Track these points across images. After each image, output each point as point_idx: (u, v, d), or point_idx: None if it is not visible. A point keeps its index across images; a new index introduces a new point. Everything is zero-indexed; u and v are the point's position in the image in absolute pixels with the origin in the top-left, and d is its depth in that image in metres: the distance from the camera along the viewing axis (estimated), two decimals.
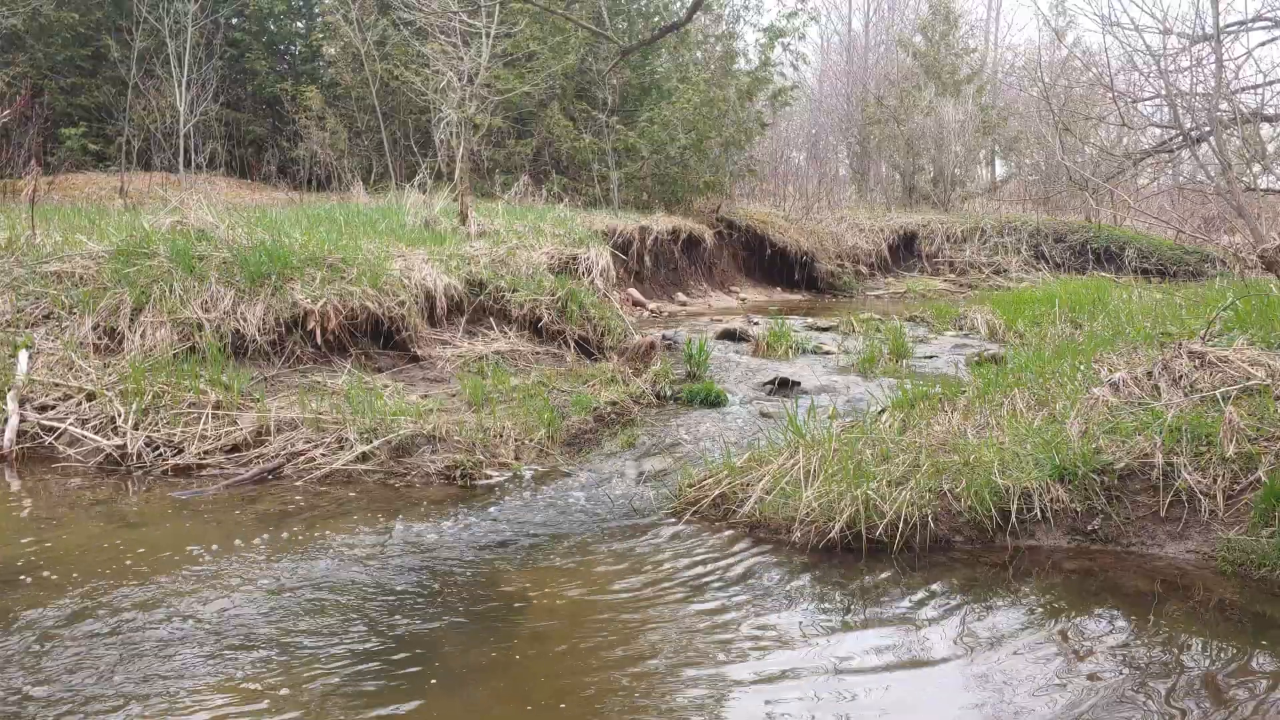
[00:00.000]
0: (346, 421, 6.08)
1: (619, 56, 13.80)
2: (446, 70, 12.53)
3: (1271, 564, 4.15)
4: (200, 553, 4.48)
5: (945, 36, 26.34)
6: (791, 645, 3.64)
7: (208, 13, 18.04)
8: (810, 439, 5.37)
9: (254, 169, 19.07)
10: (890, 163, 26.76)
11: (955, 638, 3.72)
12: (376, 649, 3.54)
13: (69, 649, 3.48)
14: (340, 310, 7.62)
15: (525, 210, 13.96)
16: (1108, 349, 6.51)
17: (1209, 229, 18.16)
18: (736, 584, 4.24)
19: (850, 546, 4.57)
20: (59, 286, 7.40)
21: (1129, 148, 15.48)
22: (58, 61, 17.97)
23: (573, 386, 7.55)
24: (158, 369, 6.59)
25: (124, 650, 3.47)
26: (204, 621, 3.73)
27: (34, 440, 6.03)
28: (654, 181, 18.10)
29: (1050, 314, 10.30)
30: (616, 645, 3.65)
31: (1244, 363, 5.21)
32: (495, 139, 17.74)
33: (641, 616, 3.90)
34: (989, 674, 3.43)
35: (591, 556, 4.57)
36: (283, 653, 3.49)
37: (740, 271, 19.08)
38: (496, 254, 9.84)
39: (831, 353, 9.79)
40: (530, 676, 3.39)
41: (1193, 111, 9.24)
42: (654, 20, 19.84)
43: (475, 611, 3.91)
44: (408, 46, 16.75)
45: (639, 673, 3.44)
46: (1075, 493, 4.68)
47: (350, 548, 4.59)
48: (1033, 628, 3.82)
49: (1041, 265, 20.88)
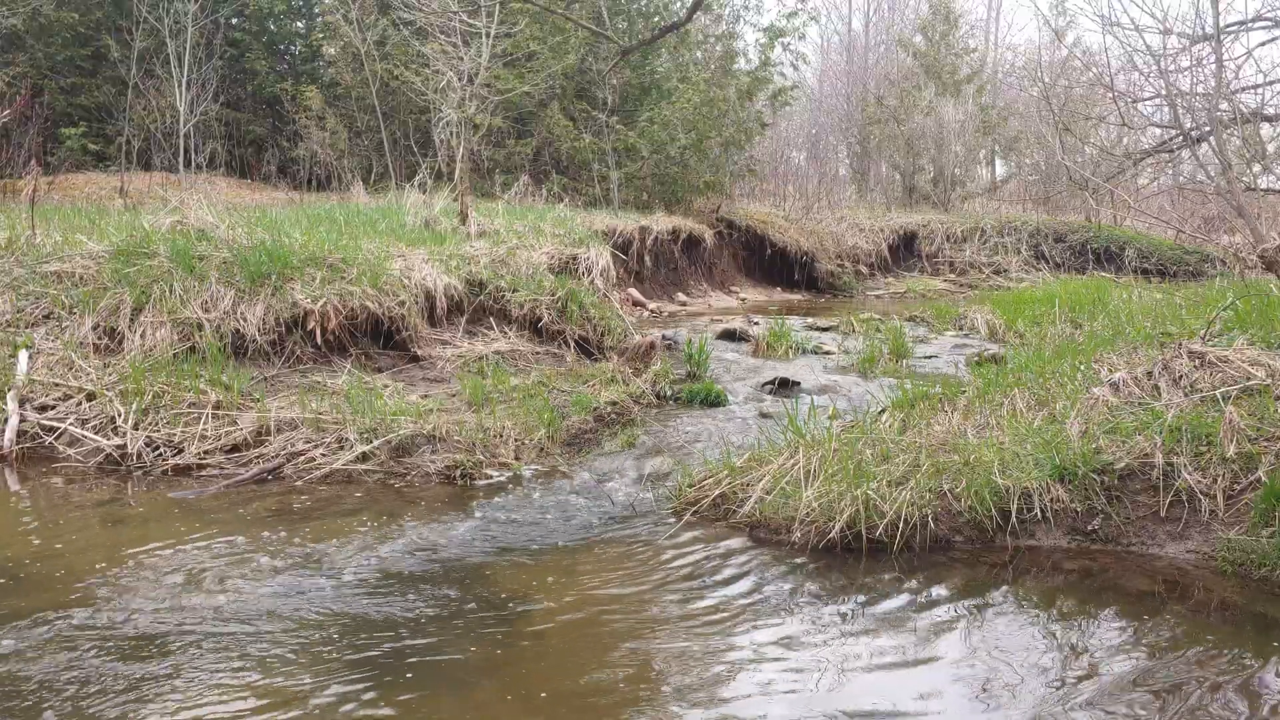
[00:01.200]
0: (346, 421, 6.08)
1: (619, 56, 13.81)
2: (446, 70, 12.53)
3: (1271, 564, 4.15)
4: (200, 553, 4.48)
5: (945, 36, 26.34)
6: (791, 645, 3.64)
7: (208, 13, 18.03)
8: (810, 439, 5.37)
9: (254, 169, 19.07)
10: (890, 163, 26.77)
11: (955, 638, 3.72)
12: (376, 648, 3.54)
13: (69, 649, 3.48)
14: (340, 310, 7.62)
15: (525, 210, 13.96)
16: (1108, 349, 6.51)
17: (1209, 229, 18.16)
18: (736, 584, 4.24)
19: (850, 546, 4.57)
20: (59, 286, 7.39)
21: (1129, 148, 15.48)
22: (58, 61, 17.96)
23: (573, 386, 7.55)
24: (158, 369, 6.59)
25: (124, 650, 3.47)
26: (203, 621, 3.73)
27: (34, 440, 6.03)
28: (654, 181, 18.10)
29: (1050, 314, 10.30)
30: (616, 645, 3.65)
31: (1244, 363, 5.21)
32: (495, 139, 17.74)
33: (641, 616, 3.90)
34: (989, 674, 3.43)
35: (591, 556, 4.57)
36: (282, 652, 3.49)
37: (740, 271, 19.08)
38: (496, 254, 9.83)
39: (831, 353, 9.80)
40: (530, 676, 3.39)
41: (1193, 111, 9.24)
42: (654, 20, 19.84)
43: (475, 611, 3.91)
44: (408, 46, 16.74)
45: (639, 672, 3.44)
46: (1075, 493, 4.67)
47: (350, 548, 4.59)
48: (1033, 628, 3.82)
49: (1041, 265, 20.89)
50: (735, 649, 3.62)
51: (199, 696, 3.17)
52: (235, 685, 3.25)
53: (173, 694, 3.18)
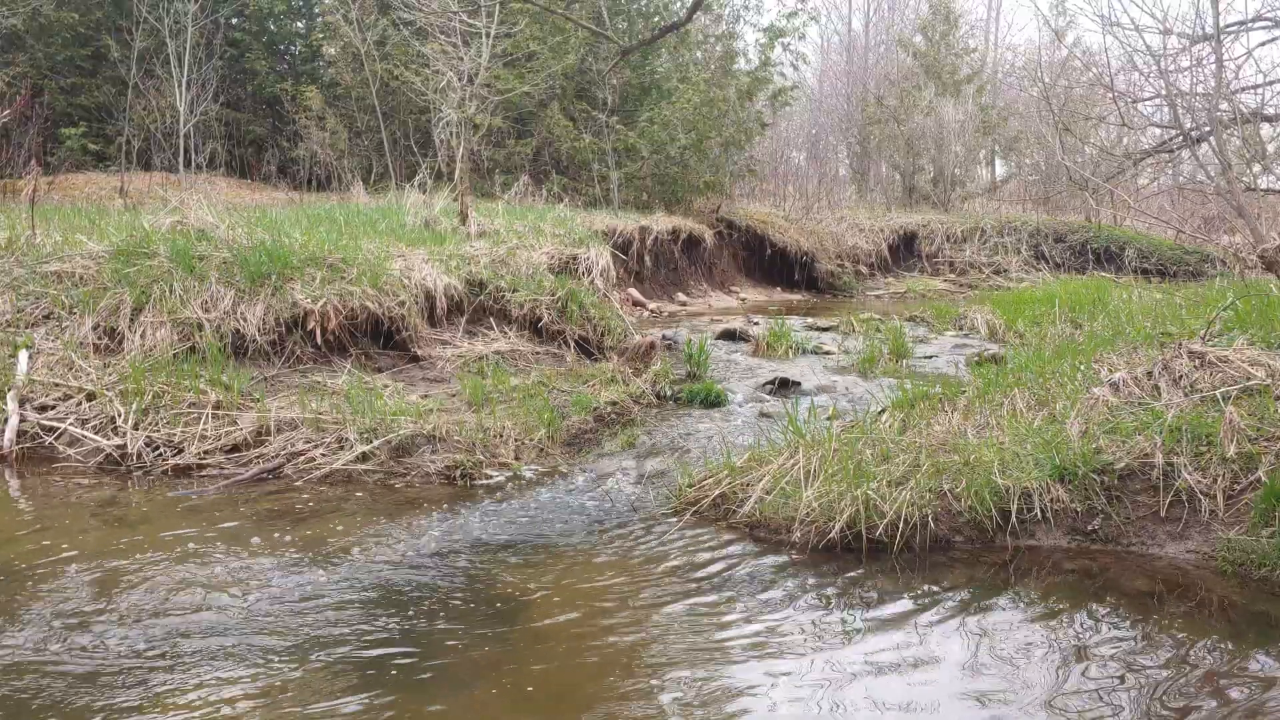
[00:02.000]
0: (346, 421, 6.08)
1: (619, 56, 13.81)
2: (446, 70, 12.53)
3: (1271, 564, 4.14)
4: (200, 553, 4.48)
5: (945, 36, 26.35)
6: (791, 645, 3.64)
7: (208, 13, 18.03)
8: (810, 439, 5.37)
9: (254, 169, 19.07)
10: (890, 163, 26.77)
11: (955, 638, 3.72)
12: (376, 648, 3.54)
13: (68, 649, 3.48)
14: (340, 310, 7.62)
15: (525, 210, 13.96)
16: (1108, 349, 6.51)
17: (1209, 229, 18.16)
18: (736, 584, 4.24)
19: (850, 547, 4.57)
20: (59, 286, 7.40)
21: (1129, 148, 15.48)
22: (58, 61, 17.96)
23: (573, 386, 7.55)
24: (158, 369, 6.59)
25: (123, 650, 3.47)
26: (203, 620, 3.73)
27: (34, 440, 6.03)
28: (654, 181, 18.10)
29: (1050, 314, 10.30)
30: (616, 645, 3.65)
31: (1244, 363, 5.21)
32: (495, 139, 17.74)
33: (641, 616, 3.90)
34: (989, 674, 3.43)
35: (591, 556, 4.57)
36: (281, 651, 3.49)
37: (740, 271, 19.08)
38: (496, 254, 9.83)
39: (831, 353, 9.80)
40: (530, 676, 3.39)
41: (1193, 111, 9.24)
42: (654, 20, 19.84)
43: (475, 611, 3.91)
44: (408, 46, 16.75)
45: (639, 672, 3.44)
46: (1075, 493, 4.67)
47: (350, 548, 4.59)
48: (1033, 628, 3.82)
49: (1041, 265, 20.89)
50: (735, 649, 3.62)
51: (198, 696, 3.17)
52: (235, 685, 3.25)
53: (172, 694, 3.19)
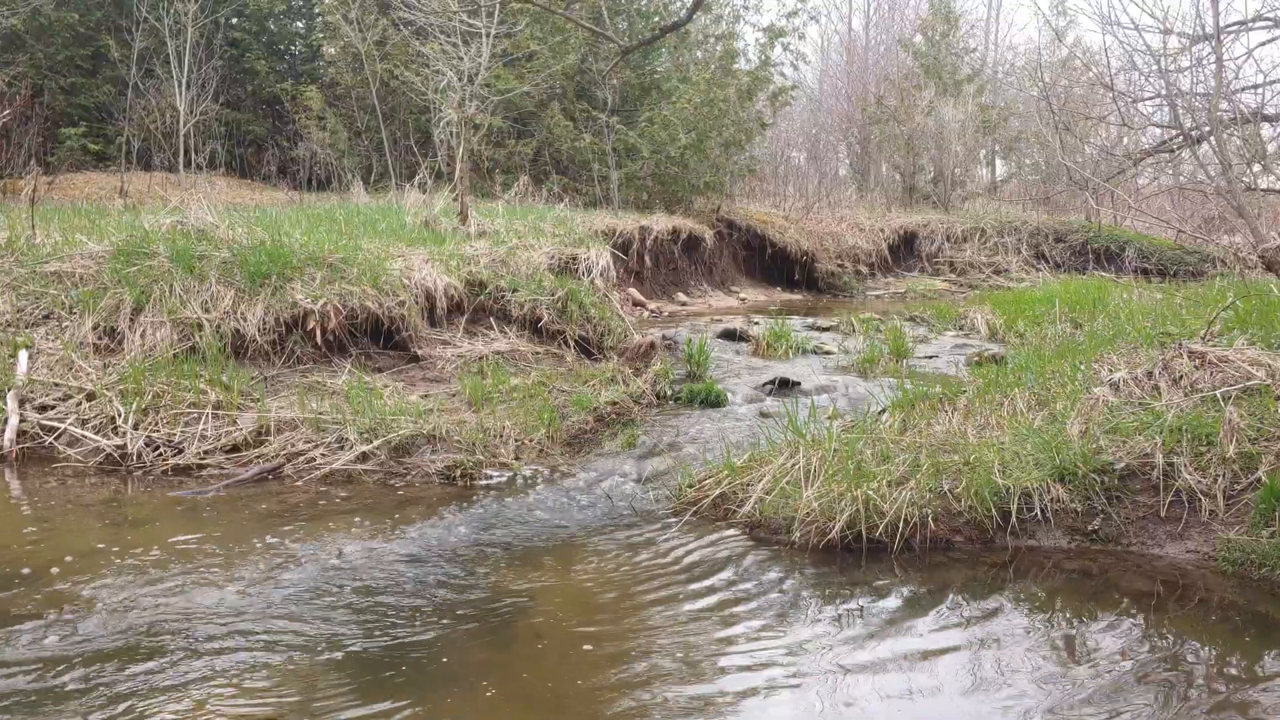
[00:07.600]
0: (346, 421, 6.08)
1: (619, 56, 13.81)
2: (446, 70, 12.52)
3: (1272, 564, 4.15)
4: (200, 553, 4.48)
5: (945, 36, 26.32)
6: (791, 645, 3.64)
7: (208, 13, 18.02)
8: (810, 439, 5.37)
9: (254, 169, 19.05)
10: (890, 163, 26.75)
11: (955, 638, 3.72)
12: (376, 648, 3.54)
13: (68, 648, 3.48)
14: (340, 310, 7.62)
15: (525, 210, 13.95)
16: (1108, 349, 6.50)
17: (1209, 229, 18.14)
18: (736, 584, 4.24)
19: (850, 546, 4.57)
20: (59, 286, 7.39)
21: (1129, 148, 15.47)
22: (58, 61, 17.95)
23: (573, 386, 7.54)
24: (158, 369, 6.59)
25: (122, 649, 3.47)
26: (203, 621, 3.73)
27: (34, 440, 6.03)
28: (654, 181, 18.09)
29: (1050, 314, 10.30)
30: (616, 645, 3.65)
31: (1244, 363, 5.21)
32: (495, 139, 17.72)
33: (641, 616, 3.90)
34: (989, 674, 3.43)
35: (591, 556, 4.57)
36: (282, 651, 3.49)
37: (740, 271, 19.07)
38: (496, 254, 9.83)
39: (831, 353, 9.79)
40: (530, 676, 3.39)
41: (1193, 111, 9.24)
42: (654, 20, 19.82)
43: (475, 611, 3.91)
44: (408, 46, 16.73)
45: (639, 672, 3.44)
46: (1075, 493, 4.67)
47: (350, 548, 4.59)
48: (1033, 628, 3.82)
49: (1041, 265, 20.87)
50: (735, 649, 3.62)
51: (198, 696, 3.17)
52: (234, 684, 3.25)
53: (172, 693, 3.18)
